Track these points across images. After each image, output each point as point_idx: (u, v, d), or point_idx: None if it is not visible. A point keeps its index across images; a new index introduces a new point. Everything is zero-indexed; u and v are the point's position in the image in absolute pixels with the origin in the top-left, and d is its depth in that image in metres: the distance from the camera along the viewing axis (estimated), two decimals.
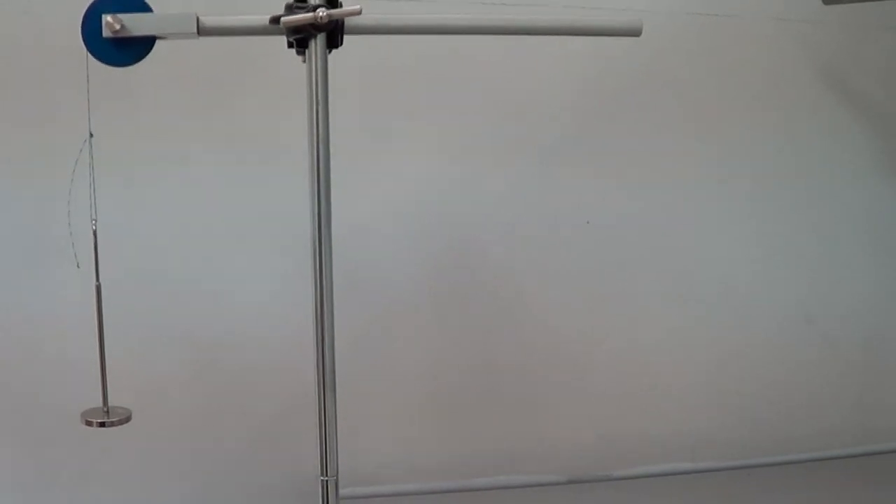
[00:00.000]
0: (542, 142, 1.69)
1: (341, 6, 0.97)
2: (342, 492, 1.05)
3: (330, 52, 0.98)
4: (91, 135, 0.98)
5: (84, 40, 0.96)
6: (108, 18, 0.95)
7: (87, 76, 0.97)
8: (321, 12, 0.94)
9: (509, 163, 1.68)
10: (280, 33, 0.97)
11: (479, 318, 1.72)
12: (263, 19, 0.97)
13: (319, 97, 0.97)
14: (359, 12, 0.95)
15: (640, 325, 1.79)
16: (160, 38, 0.97)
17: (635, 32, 1.13)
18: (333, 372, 1.00)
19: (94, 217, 0.98)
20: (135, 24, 0.96)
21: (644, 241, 1.76)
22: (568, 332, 1.76)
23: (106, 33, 0.95)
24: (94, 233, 0.98)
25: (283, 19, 0.95)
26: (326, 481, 1.03)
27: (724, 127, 1.75)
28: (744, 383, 1.86)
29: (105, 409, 1.03)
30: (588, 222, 1.71)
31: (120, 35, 0.95)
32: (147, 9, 0.97)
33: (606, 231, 1.73)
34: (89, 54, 0.96)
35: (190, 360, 1.61)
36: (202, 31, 0.97)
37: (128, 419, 1.02)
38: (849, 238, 1.86)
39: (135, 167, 1.52)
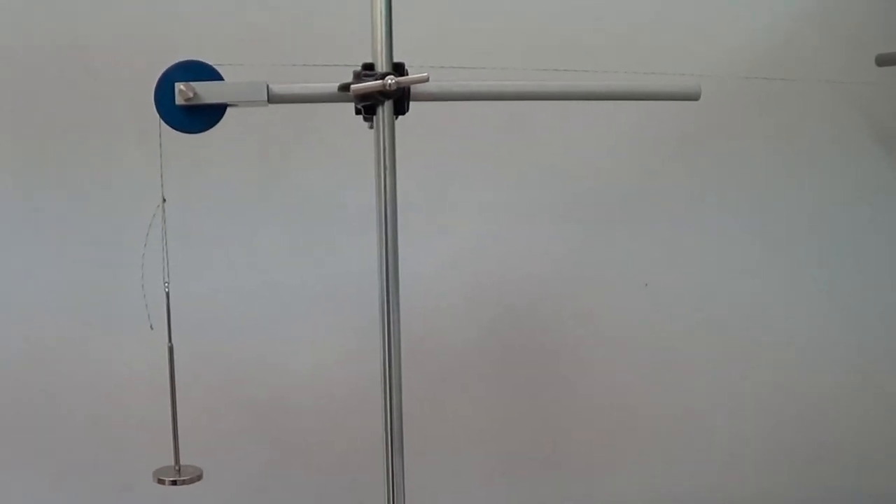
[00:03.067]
0: (597, 205, 1.69)
1: (408, 74, 0.99)
2: None
3: (396, 118, 1.00)
4: (164, 200, 1.00)
5: (157, 107, 0.98)
6: (180, 86, 0.97)
7: (160, 143, 0.99)
8: (390, 80, 0.96)
9: (565, 226, 1.69)
10: (348, 100, 0.99)
11: (536, 381, 1.72)
12: (332, 87, 0.99)
13: (387, 163, 0.99)
14: (426, 79, 0.97)
15: (696, 385, 1.78)
16: (231, 105, 1.00)
17: (694, 96, 1.14)
18: (401, 436, 1.00)
19: (166, 280, 1.00)
20: (206, 91, 0.98)
21: (701, 302, 1.75)
22: (625, 393, 1.75)
23: (178, 101, 0.98)
24: (167, 295, 1.00)
25: (352, 87, 0.97)
26: None
27: (781, 189, 1.75)
28: (798, 439, 1.83)
29: (177, 468, 1.04)
30: (646, 285, 1.71)
31: (192, 103, 0.98)
32: (218, 77, 1.00)
33: (664, 293, 1.73)
34: (162, 122, 0.99)
35: (254, 421, 1.63)
36: (272, 98, 1.00)
37: (199, 477, 1.02)
38: None
39: (201, 232, 1.55)
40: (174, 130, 0.99)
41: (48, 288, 1.55)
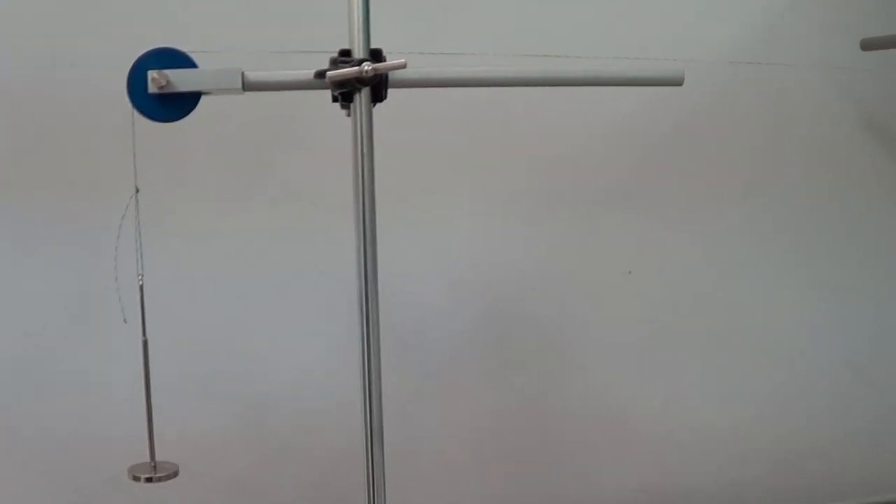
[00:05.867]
0: (583, 195, 1.68)
1: (385, 60, 0.97)
2: None
3: (374, 105, 0.98)
4: (137, 190, 0.98)
5: (129, 96, 0.96)
6: (153, 74, 0.95)
7: (133, 132, 0.97)
8: (366, 66, 0.94)
9: (550, 217, 1.67)
10: (325, 88, 0.97)
11: (524, 373, 1.71)
12: (308, 74, 0.97)
13: (364, 151, 0.97)
14: (403, 66, 0.95)
15: (683, 374, 1.77)
16: (205, 93, 0.98)
17: (677, 82, 1.13)
18: (381, 431, 0.99)
19: (140, 272, 0.98)
20: (180, 79, 0.96)
21: (686, 290, 1.74)
22: (611, 383, 1.74)
23: (151, 89, 0.96)
24: (141, 288, 0.98)
25: (328, 74, 0.95)
26: None
27: (766, 176, 1.74)
28: (788, 432, 1.82)
29: (152, 465, 1.02)
30: (630, 272, 1.70)
31: (165, 91, 0.96)
32: (192, 64, 0.98)
33: (648, 281, 1.72)
34: (135, 110, 0.97)
35: (235, 417, 1.61)
36: (247, 86, 0.98)
37: (175, 474, 1.01)
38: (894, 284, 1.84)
39: (179, 224, 1.53)
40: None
41: (31, 281, 1.52)
